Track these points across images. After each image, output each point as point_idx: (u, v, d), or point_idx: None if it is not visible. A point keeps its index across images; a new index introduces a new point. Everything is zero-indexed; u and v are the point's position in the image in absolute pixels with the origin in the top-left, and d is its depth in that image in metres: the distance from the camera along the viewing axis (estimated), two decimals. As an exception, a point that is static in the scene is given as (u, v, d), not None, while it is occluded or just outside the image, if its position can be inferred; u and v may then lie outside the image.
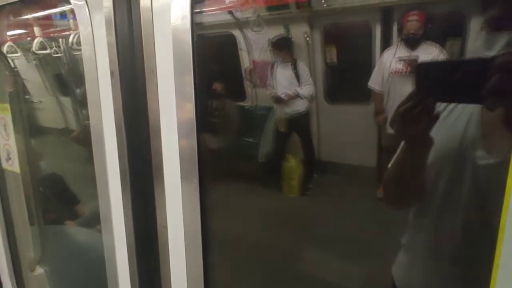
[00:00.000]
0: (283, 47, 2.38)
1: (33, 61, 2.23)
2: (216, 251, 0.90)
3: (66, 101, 2.54)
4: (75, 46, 1.63)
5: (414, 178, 0.84)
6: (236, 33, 2.29)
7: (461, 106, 0.77)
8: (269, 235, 1.81)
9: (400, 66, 1.72)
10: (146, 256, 0.94)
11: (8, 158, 1.25)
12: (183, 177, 0.84)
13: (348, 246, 1.76)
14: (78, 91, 2.32)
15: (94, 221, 1.73)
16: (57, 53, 2.07)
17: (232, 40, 2.15)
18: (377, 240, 1.60)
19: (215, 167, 0.96)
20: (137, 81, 0.87)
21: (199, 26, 0.79)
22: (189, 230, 0.85)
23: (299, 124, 2.50)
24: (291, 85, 2.46)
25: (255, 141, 2.40)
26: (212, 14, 0.87)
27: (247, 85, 2.46)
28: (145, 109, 0.87)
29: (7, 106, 1.22)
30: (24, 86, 1.78)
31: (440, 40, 1.50)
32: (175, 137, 0.83)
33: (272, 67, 2.46)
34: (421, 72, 0.76)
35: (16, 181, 1.37)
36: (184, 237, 0.85)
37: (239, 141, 2.30)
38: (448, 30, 1.60)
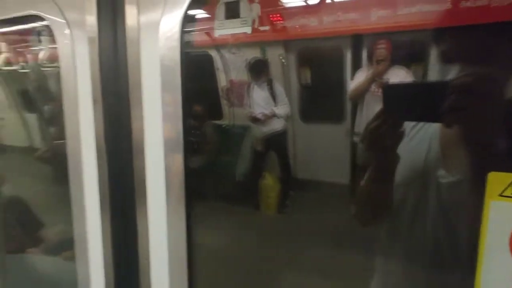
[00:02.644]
0: (259, 68, 2.44)
1: (-4, 77, 2.11)
2: (203, 277, 0.87)
3: (31, 118, 2.40)
4: (43, 63, 1.56)
5: (383, 195, 0.87)
6: (213, 53, 2.33)
7: (425, 128, 0.82)
8: (255, 257, 1.77)
9: (372, 87, 1.83)
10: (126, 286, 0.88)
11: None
12: (169, 195, 0.81)
13: (326, 263, 1.77)
14: (45, 108, 2.20)
15: (62, 247, 1.60)
16: (23, 69, 1.97)
17: (210, 59, 2.18)
18: (352, 258, 1.62)
19: (199, 187, 0.94)
20: (122, 102, 0.84)
21: (187, 45, 0.80)
22: (174, 258, 0.81)
23: (276, 143, 2.53)
24: (268, 105, 2.51)
25: (232, 160, 2.40)
26: (199, 34, 0.88)
27: (224, 104, 2.48)
28: (129, 127, 0.84)
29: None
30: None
31: (407, 64, 1.62)
32: (161, 154, 0.81)
33: (249, 87, 2.50)
34: (387, 93, 0.82)
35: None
36: (168, 265, 0.81)
37: (218, 160, 2.28)
38: (412, 57, 1.75)
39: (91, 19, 0.79)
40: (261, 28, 0.80)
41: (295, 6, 0.87)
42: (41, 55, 1.60)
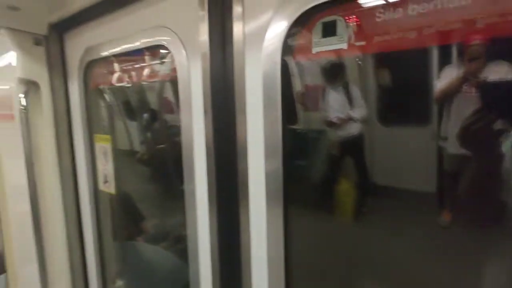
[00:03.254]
0: (334, 72, 2.42)
1: (108, 91, 2.49)
2: (297, 276, 0.91)
3: (132, 125, 2.78)
4: (145, 79, 1.80)
5: (486, 194, 0.81)
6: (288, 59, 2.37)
7: None
8: (341, 262, 1.77)
9: (464, 86, 1.68)
10: (229, 276, 0.96)
11: (105, 181, 1.40)
12: (269, 196, 0.87)
13: (404, 277, 1.66)
14: (144, 116, 2.53)
15: (159, 239, 1.82)
16: (128, 84, 2.29)
17: (287, 65, 2.24)
18: (438, 272, 1.50)
19: (292, 189, 0.99)
20: (228, 111, 0.93)
21: (287, 55, 0.86)
22: (272, 253, 0.87)
23: (352, 147, 2.47)
24: (343, 108, 2.47)
25: (309, 164, 2.42)
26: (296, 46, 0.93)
27: (299, 109, 2.53)
28: (234, 133, 0.93)
29: (109, 137, 1.38)
30: (113, 115, 1.98)
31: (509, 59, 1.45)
32: (262, 157, 0.87)
33: (324, 91, 2.50)
34: (484, 92, 0.78)
35: (104, 201, 1.52)
36: (267, 259, 0.87)
37: (297, 164, 2.33)
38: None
39: (204, 39, 0.91)
40: (357, 44, 0.82)
41: (391, 20, 0.88)
42: (145, 72, 1.83)
